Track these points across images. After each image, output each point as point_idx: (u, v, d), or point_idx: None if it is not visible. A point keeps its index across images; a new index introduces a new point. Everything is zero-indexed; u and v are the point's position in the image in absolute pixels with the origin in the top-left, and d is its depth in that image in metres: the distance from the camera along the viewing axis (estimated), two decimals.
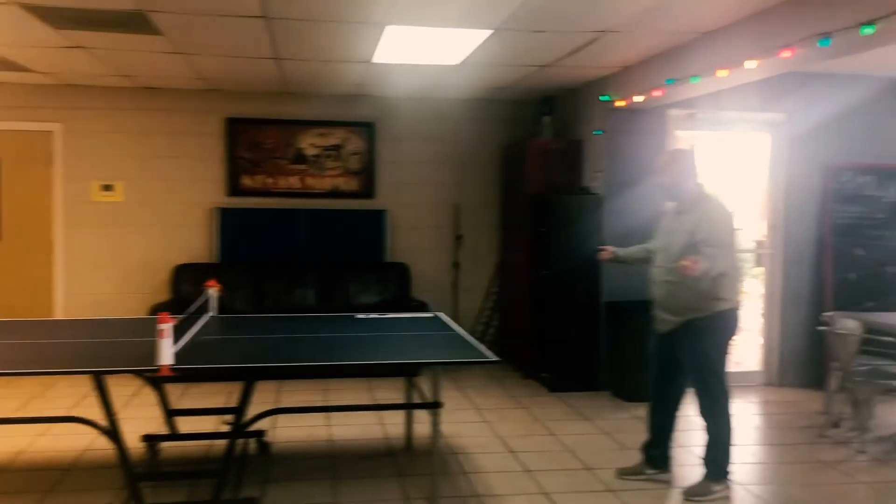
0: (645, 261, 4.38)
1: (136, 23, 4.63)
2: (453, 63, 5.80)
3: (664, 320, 4.12)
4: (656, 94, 5.49)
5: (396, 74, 6.30)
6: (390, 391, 6.16)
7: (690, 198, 4.07)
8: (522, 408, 5.86)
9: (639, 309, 5.87)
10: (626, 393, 6.05)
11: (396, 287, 7.32)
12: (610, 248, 4.51)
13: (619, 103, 6.08)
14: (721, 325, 3.99)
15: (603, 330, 6.40)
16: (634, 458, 4.48)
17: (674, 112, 6.40)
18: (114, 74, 6.45)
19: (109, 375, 3.62)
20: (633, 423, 5.45)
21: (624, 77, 6.04)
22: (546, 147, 6.87)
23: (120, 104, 7.17)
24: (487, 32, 4.82)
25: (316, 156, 7.53)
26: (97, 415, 3.68)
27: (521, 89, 6.99)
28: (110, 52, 5.57)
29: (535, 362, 6.71)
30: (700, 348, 3.99)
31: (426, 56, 5.56)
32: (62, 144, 7.12)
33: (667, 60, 5.36)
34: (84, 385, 6.25)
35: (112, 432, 3.56)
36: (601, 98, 6.32)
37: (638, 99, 5.76)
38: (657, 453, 4.33)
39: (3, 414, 5.23)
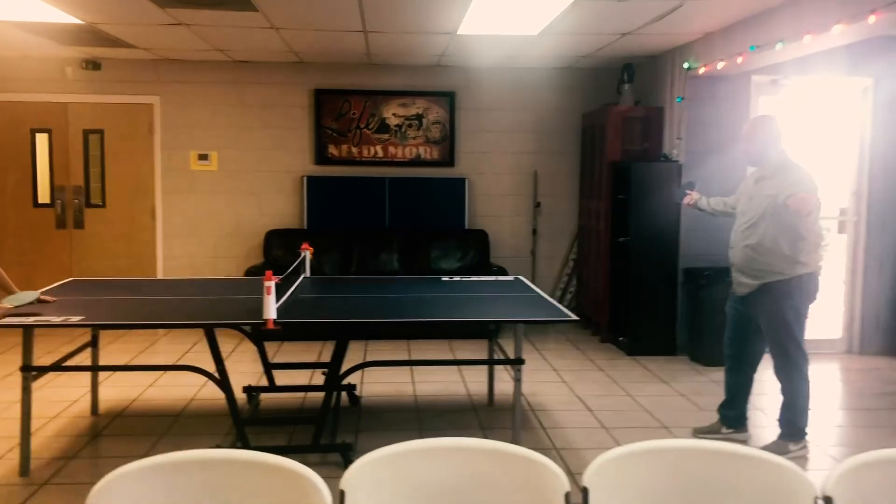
0: (725, 214, 4.46)
1: (235, 0, 4.91)
2: (533, 33, 5.91)
3: (742, 283, 4.20)
4: (739, 60, 5.48)
5: (478, 45, 6.44)
6: (471, 352, 6.40)
7: (774, 164, 4.12)
8: (600, 370, 6.02)
9: (717, 275, 5.97)
10: (705, 358, 6.12)
11: (476, 253, 7.53)
12: (695, 194, 4.59)
13: (701, 70, 6.08)
14: (799, 289, 4.05)
15: (681, 295, 6.48)
16: (711, 418, 4.60)
17: (757, 78, 6.36)
18: (210, 49, 6.79)
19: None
20: (710, 386, 5.54)
21: (706, 43, 6.03)
22: (626, 114, 6.92)
23: (215, 78, 7.54)
24: (568, 2, 4.91)
25: (398, 125, 7.76)
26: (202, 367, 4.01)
27: (600, 57, 7.04)
28: (209, 29, 5.88)
29: (612, 327, 6.85)
30: (778, 311, 4.07)
31: (508, 27, 5.68)
32: (161, 116, 7.54)
33: (751, 26, 5.34)
34: (184, 341, 6.75)
35: (222, 380, 3.88)
36: (683, 65, 6.33)
37: (720, 66, 5.76)
38: (733, 413, 4.43)
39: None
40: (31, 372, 3.89)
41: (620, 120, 6.88)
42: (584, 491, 1.71)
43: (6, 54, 7.23)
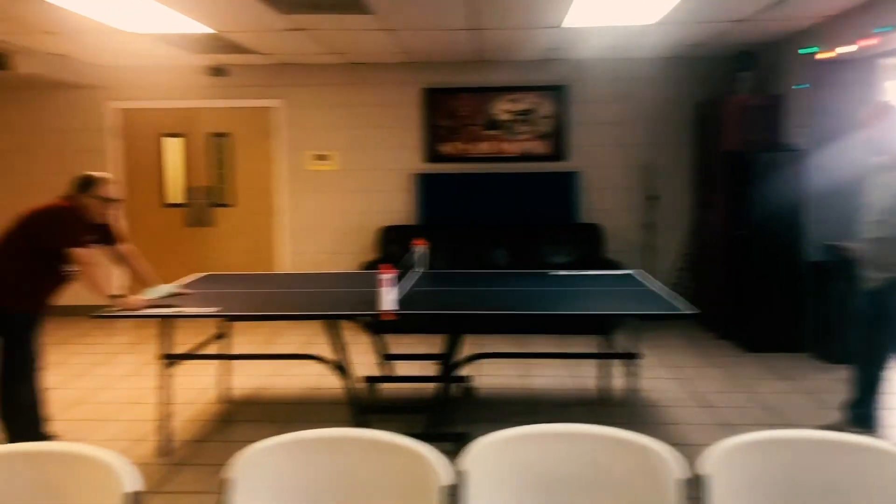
0: None
1: (350, 4, 5.09)
2: (650, 22, 5.82)
3: (871, 277, 4.01)
4: (864, 43, 5.22)
5: (589, 36, 6.40)
6: (584, 348, 6.37)
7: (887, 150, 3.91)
8: (718, 367, 5.87)
9: (844, 268, 5.69)
10: (831, 355, 5.86)
11: (588, 248, 7.47)
12: None
13: (824, 55, 5.81)
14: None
15: (806, 290, 6.22)
16: (838, 417, 4.41)
17: (885, 62, 6.02)
18: (327, 53, 7.05)
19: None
20: (837, 384, 5.30)
21: (829, 27, 5.77)
22: (744, 103, 6.70)
23: (331, 80, 7.81)
24: None
25: (508, 121, 7.80)
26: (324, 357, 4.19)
27: (716, 45, 6.84)
28: (326, 33, 6.11)
29: (731, 323, 6.65)
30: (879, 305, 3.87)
31: (621, 17, 5.62)
32: (283, 119, 7.89)
33: (876, 7, 5.07)
34: (306, 332, 7.03)
35: (343, 370, 4.05)
36: (804, 51, 6.07)
37: (844, 50, 5.49)
38: (861, 412, 4.24)
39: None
40: (169, 360, 4.17)
41: (738, 109, 6.67)
42: (702, 479, 1.71)
43: (142, 64, 7.74)
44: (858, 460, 1.70)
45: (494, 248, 7.53)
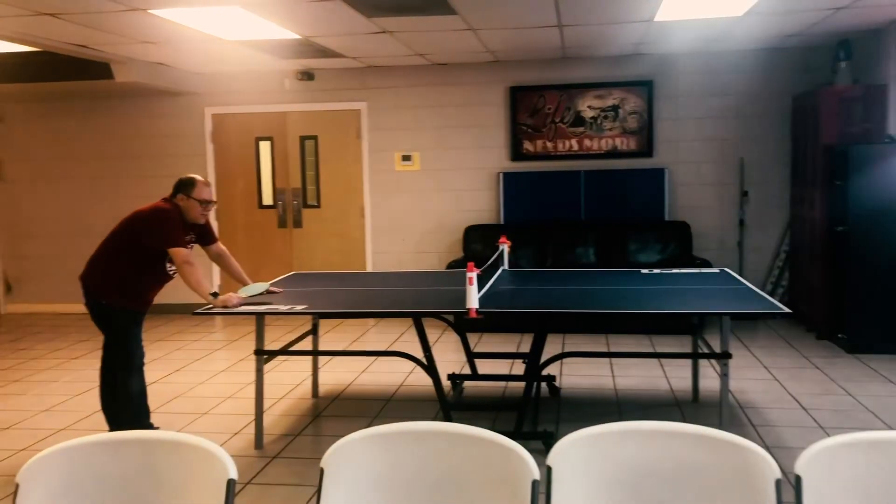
0: None
1: (436, 5, 5.14)
2: (737, 14, 5.66)
3: None
4: None
5: (676, 30, 6.26)
6: (673, 347, 6.24)
7: None
8: (816, 368, 5.65)
9: None
10: None
11: (677, 246, 7.31)
12: None
13: None
14: None
15: None
16: None
17: None
18: (411, 54, 7.13)
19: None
20: None
21: None
22: (843, 94, 6.42)
23: (415, 81, 7.90)
24: None
25: (594, 118, 7.71)
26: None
27: (812, 35, 6.58)
28: (410, 34, 6.19)
29: (830, 322, 6.39)
30: None
31: (708, 9, 5.49)
32: (368, 120, 8.03)
33: None
34: (392, 331, 7.14)
35: (430, 366, 4.10)
36: None
37: None
38: None
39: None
40: (263, 355, 4.31)
41: (836, 100, 6.40)
42: (797, 479, 1.66)
43: (235, 70, 8.02)
44: None
45: (580, 246, 7.47)
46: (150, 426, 4.36)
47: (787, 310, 3.78)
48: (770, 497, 1.65)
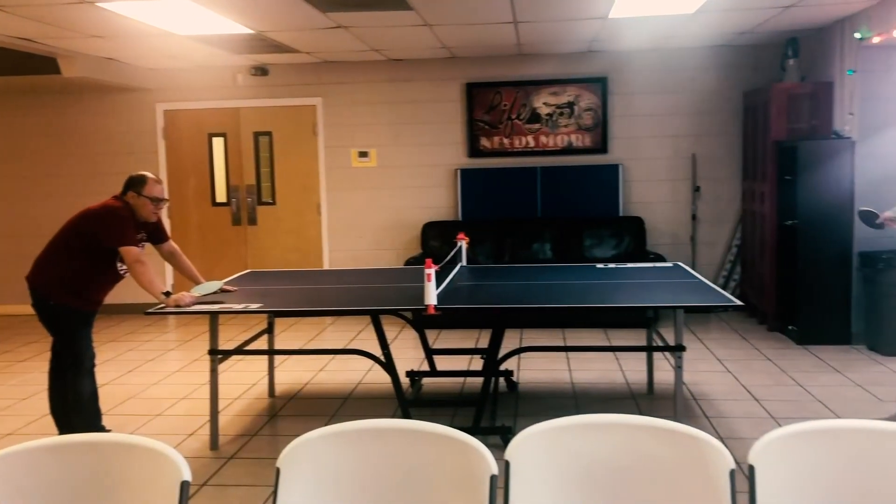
0: None
1: (391, 1, 5.11)
2: (688, 12, 5.74)
3: None
4: None
5: (630, 28, 6.33)
6: (628, 341, 6.32)
7: None
8: (767, 359, 5.77)
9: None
10: (884, 347, 5.72)
11: (632, 240, 7.40)
12: (888, 212, 4.23)
13: (875, 39, 5.66)
14: None
15: (857, 281, 6.08)
16: (892, 409, 4.31)
17: None
18: (367, 50, 7.09)
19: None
20: (891, 376, 5.18)
21: (880, 10, 5.61)
22: (792, 91, 6.56)
23: (371, 77, 7.86)
24: None
25: (549, 114, 7.76)
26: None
27: (761, 32, 6.71)
28: (366, 30, 6.15)
29: (780, 315, 6.53)
30: None
31: (661, 6, 5.55)
32: (324, 117, 7.96)
33: None
34: (349, 329, 7.10)
35: (388, 364, 4.08)
36: (855, 35, 5.92)
37: None
38: None
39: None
40: (217, 355, 4.25)
41: (785, 97, 6.54)
42: (751, 469, 1.69)
43: (187, 66, 7.88)
44: None
45: (537, 242, 7.51)
46: (101, 429, 4.26)
47: (738, 302, 3.85)
48: (724, 487, 1.67)
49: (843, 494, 1.72)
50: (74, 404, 4.10)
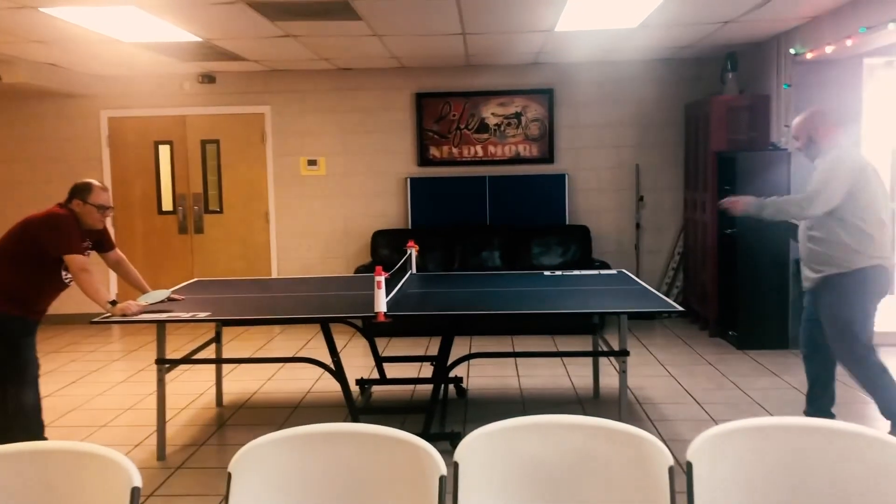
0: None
1: (340, 10, 5.14)
2: (631, 26, 5.90)
3: (806, 277, 4.14)
4: (849, 43, 5.30)
5: (575, 41, 6.47)
6: (575, 347, 6.43)
7: (822, 154, 4.02)
8: (708, 364, 5.93)
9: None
10: None
11: (578, 248, 7.54)
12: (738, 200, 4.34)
13: (809, 55, 5.90)
14: (861, 282, 3.90)
15: (793, 287, 6.30)
16: (844, 415, 4.48)
17: (869, 61, 6.12)
18: (316, 59, 7.09)
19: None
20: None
21: (813, 27, 5.86)
22: (731, 104, 6.79)
23: (320, 86, 7.86)
24: None
25: (497, 124, 7.86)
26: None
27: (702, 47, 6.93)
28: (315, 39, 6.16)
29: (721, 321, 6.73)
30: (837, 305, 3.93)
31: (605, 21, 5.69)
32: (272, 125, 7.93)
33: (860, 6, 5.16)
34: (299, 338, 7.07)
35: (338, 371, 4.09)
36: (791, 50, 6.16)
37: (829, 49, 5.58)
38: (819, 403, 4.31)
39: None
40: (164, 364, 4.20)
41: (725, 109, 6.76)
42: (689, 465, 1.76)
43: (132, 73, 7.77)
44: (842, 445, 1.76)
45: (486, 250, 7.60)
46: (43, 441, 4.17)
47: (679, 308, 3.97)
48: (663, 483, 1.75)
49: (776, 489, 1.80)
50: (16, 416, 4.00)
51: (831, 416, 4.29)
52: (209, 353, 4.92)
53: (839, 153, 3.98)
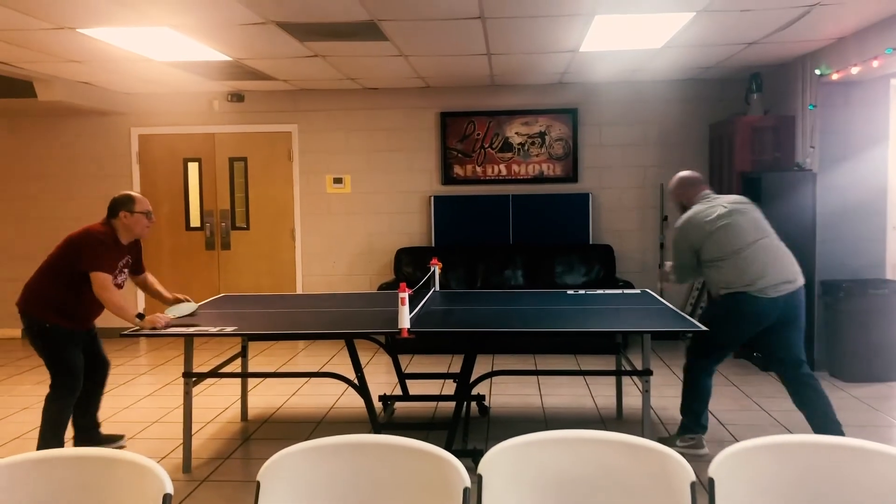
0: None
1: (368, 31, 5.23)
2: (655, 47, 5.94)
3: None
4: (875, 64, 5.30)
5: (599, 61, 6.52)
6: (598, 366, 6.42)
7: None
8: (732, 385, 5.90)
9: (856, 287, 5.75)
10: (844, 373, 5.89)
11: (601, 268, 7.54)
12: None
13: (834, 76, 5.90)
14: (724, 305, 4.32)
15: (818, 309, 6.25)
16: (851, 433, 4.43)
17: (895, 82, 6.10)
18: (343, 78, 7.20)
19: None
20: (850, 401, 5.34)
21: (839, 48, 5.86)
22: (755, 124, 6.79)
23: (347, 105, 7.97)
24: (690, 15, 4.93)
25: (521, 143, 7.91)
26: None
27: (727, 67, 6.94)
28: (343, 59, 6.26)
29: (746, 342, 6.67)
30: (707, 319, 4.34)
31: (629, 41, 5.74)
32: (299, 143, 8.05)
33: (886, 28, 5.16)
34: (323, 354, 7.12)
35: (361, 387, 4.13)
36: (816, 71, 6.16)
37: (855, 70, 5.58)
38: None
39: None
40: (191, 378, 4.27)
41: (749, 130, 6.76)
42: (711, 482, 1.78)
43: (163, 92, 7.94)
44: (863, 463, 1.77)
45: (509, 268, 7.62)
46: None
47: (703, 328, 3.97)
48: (686, 499, 1.76)
49: None
50: (52, 421, 4.13)
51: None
52: (235, 367, 4.98)
53: (683, 218, 4.53)
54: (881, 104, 6.16)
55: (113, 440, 4.62)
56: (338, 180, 8.04)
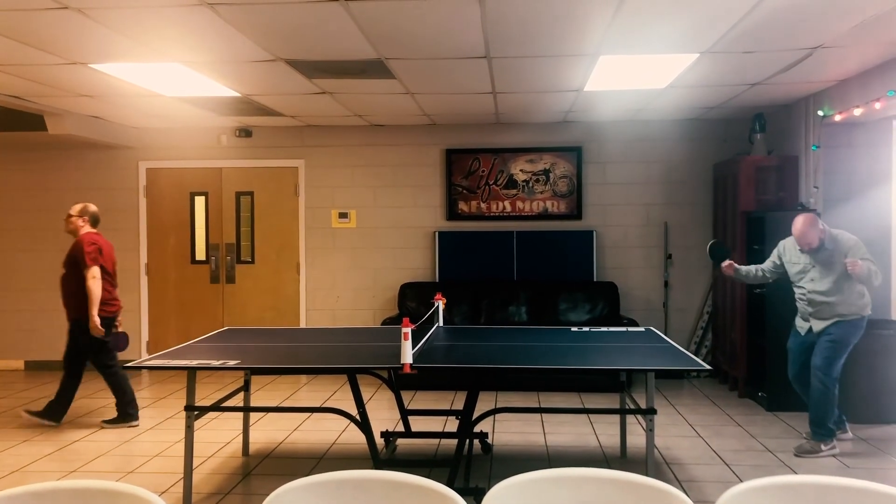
0: (757, 280, 5.49)
1: (375, 69, 5.31)
2: (659, 87, 6.00)
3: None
4: (878, 105, 5.35)
5: (603, 100, 6.59)
6: (602, 404, 6.38)
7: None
8: (737, 425, 5.85)
9: (865, 327, 5.71)
10: (853, 413, 5.83)
11: (605, 305, 7.53)
12: (733, 263, 5.33)
13: (837, 117, 5.95)
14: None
15: None
16: (859, 475, 4.39)
17: None
18: (350, 115, 7.28)
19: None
20: (858, 444, 5.28)
21: (841, 90, 5.92)
22: (759, 164, 6.83)
23: (353, 141, 8.05)
24: (693, 56, 4.99)
25: (526, 181, 7.96)
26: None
27: (730, 107, 7.01)
28: (350, 96, 6.34)
29: (750, 381, 6.65)
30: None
31: (633, 81, 5.81)
32: (306, 178, 8.11)
33: (888, 70, 5.22)
34: (325, 389, 7.10)
35: (363, 422, 4.11)
36: (819, 112, 6.21)
37: (857, 112, 5.63)
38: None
39: None
40: (193, 411, 4.25)
41: (753, 169, 6.80)
42: None
43: (171, 126, 8.03)
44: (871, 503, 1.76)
45: (513, 305, 7.62)
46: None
47: (707, 366, 3.95)
48: None
49: None
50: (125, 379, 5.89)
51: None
52: (237, 401, 4.97)
53: (851, 236, 5.07)
54: (884, 145, 6.20)
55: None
56: (343, 215, 8.08)
